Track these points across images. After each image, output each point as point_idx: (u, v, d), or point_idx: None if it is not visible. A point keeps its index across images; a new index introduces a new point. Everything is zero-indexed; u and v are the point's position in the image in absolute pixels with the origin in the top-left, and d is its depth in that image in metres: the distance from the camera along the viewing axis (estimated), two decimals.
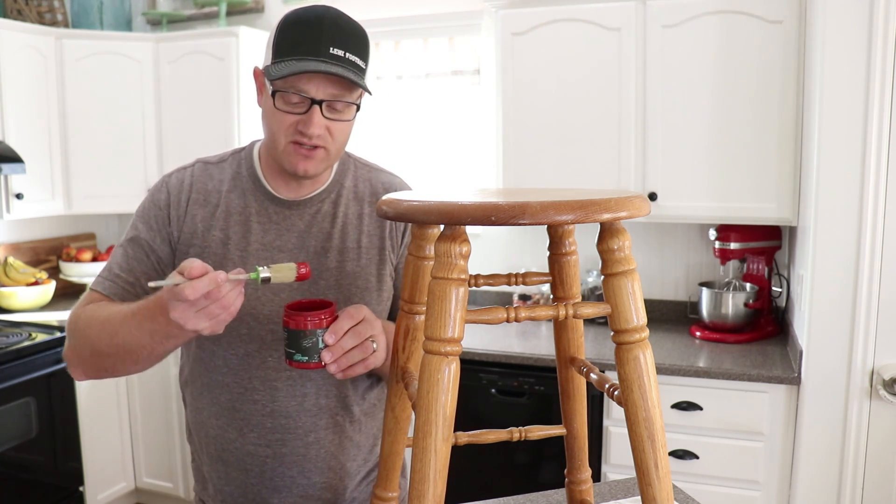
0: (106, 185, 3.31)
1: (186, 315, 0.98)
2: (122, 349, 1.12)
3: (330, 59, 1.11)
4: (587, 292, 2.98)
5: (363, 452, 1.34)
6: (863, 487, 2.15)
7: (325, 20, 1.12)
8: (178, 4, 3.68)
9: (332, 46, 1.11)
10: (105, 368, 1.18)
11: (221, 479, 1.30)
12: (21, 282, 3.24)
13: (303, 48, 1.11)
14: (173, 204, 1.27)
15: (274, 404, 1.24)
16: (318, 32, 1.11)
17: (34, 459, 2.78)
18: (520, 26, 2.73)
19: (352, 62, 1.13)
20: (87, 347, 1.17)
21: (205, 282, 0.96)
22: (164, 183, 1.30)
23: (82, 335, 1.18)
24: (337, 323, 1.05)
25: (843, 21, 2.01)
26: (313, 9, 1.15)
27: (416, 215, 0.78)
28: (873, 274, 2.07)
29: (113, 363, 1.16)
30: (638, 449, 0.83)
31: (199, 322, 0.99)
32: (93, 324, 1.16)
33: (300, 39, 1.11)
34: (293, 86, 1.12)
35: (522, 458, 2.62)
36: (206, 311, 0.98)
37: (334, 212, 1.28)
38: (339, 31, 1.12)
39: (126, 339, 1.11)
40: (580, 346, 1.05)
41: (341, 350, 1.05)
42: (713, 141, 2.56)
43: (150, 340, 1.09)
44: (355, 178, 1.33)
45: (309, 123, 1.14)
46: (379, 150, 3.32)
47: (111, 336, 1.12)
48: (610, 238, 0.82)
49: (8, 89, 2.96)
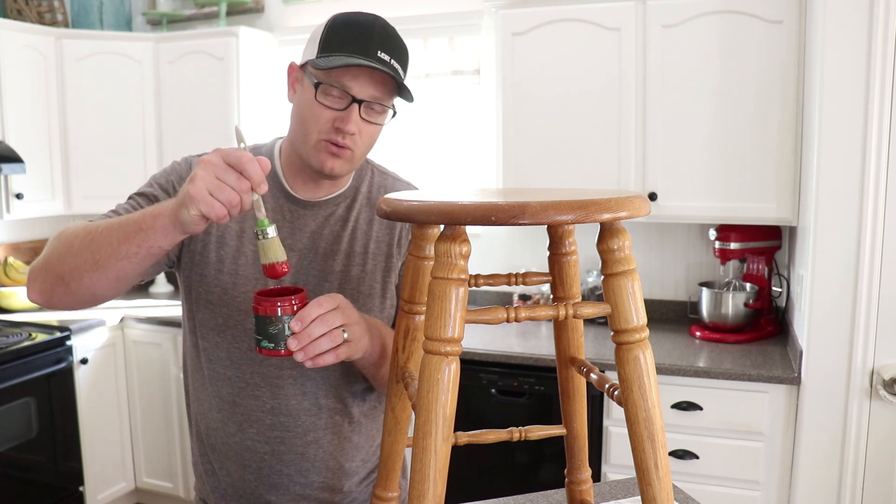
0: (106, 185, 3.31)
1: (207, 177, 0.93)
2: (89, 248, 1.04)
3: (377, 62, 1.13)
4: (587, 292, 2.98)
5: (362, 453, 1.34)
6: (863, 487, 2.15)
7: (376, 26, 1.16)
8: (178, 4, 3.68)
9: (381, 51, 1.14)
10: (61, 276, 1.07)
11: (220, 472, 1.31)
12: (21, 282, 3.24)
13: (352, 46, 1.13)
14: None
15: (275, 401, 1.24)
16: (368, 35, 1.14)
17: (34, 459, 2.78)
18: (520, 26, 2.73)
19: (395, 69, 1.15)
20: (61, 249, 1.08)
21: (239, 152, 0.94)
22: (188, 161, 1.28)
23: (60, 241, 1.10)
24: (304, 310, 1.02)
25: (843, 21, 2.01)
26: (363, 14, 1.18)
27: (416, 215, 0.78)
28: (873, 274, 2.07)
29: (74, 265, 1.06)
30: (638, 449, 0.83)
31: (202, 188, 0.92)
32: (75, 231, 1.09)
33: (350, 38, 1.14)
34: (338, 80, 1.13)
35: (522, 458, 2.62)
36: (223, 186, 0.93)
37: (347, 216, 1.28)
38: (388, 38, 1.15)
39: (97, 238, 1.04)
40: (580, 346, 1.05)
41: (308, 337, 1.01)
42: (713, 141, 2.56)
43: (122, 234, 1.01)
44: (371, 184, 1.34)
45: (347, 120, 1.15)
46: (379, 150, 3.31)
47: (85, 236, 1.06)
48: (610, 238, 0.82)
49: (8, 89, 2.96)
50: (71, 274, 1.06)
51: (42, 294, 1.11)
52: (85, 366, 3.00)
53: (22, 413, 2.72)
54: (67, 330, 2.91)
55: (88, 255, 1.04)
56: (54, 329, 2.92)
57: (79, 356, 2.97)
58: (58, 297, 1.11)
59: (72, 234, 1.08)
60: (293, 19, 3.48)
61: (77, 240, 1.07)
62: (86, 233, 1.06)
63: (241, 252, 1.23)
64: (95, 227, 1.06)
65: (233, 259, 1.23)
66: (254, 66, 3.28)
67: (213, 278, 1.23)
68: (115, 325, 3.16)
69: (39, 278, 1.11)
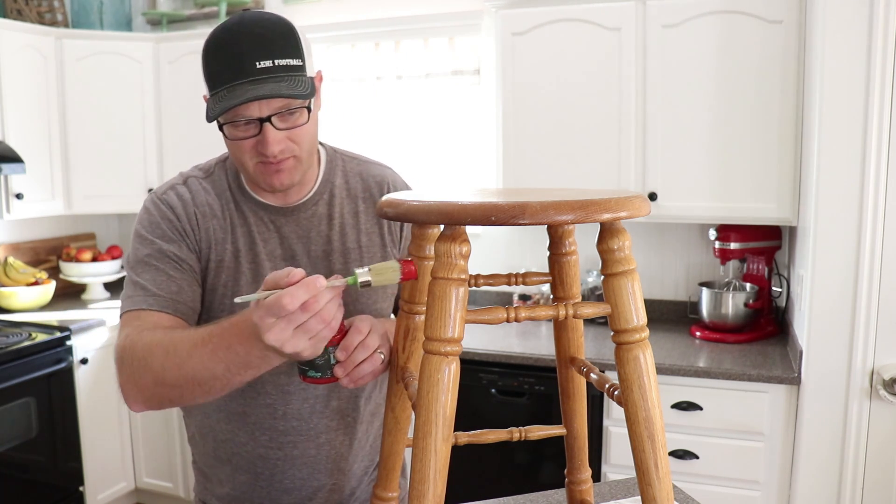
0: (106, 185, 3.31)
1: (284, 335, 0.87)
2: (191, 380, 1.01)
3: (259, 75, 1.06)
4: (587, 292, 2.98)
5: (369, 452, 1.35)
6: (863, 487, 2.15)
7: (242, 35, 1.07)
8: (178, 4, 3.68)
9: (257, 60, 1.06)
10: (170, 399, 1.06)
11: (230, 481, 1.30)
12: (21, 282, 3.24)
13: (229, 73, 1.06)
14: (182, 217, 1.19)
15: (286, 407, 1.24)
16: (238, 52, 1.06)
17: (34, 459, 2.78)
18: (520, 26, 2.73)
19: (283, 67, 1.08)
20: (149, 377, 1.04)
21: (302, 289, 0.85)
22: (161, 201, 1.21)
23: (142, 364, 1.04)
24: (347, 339, 1.03)
25: (843, 21, 2.01)
26: (229, 26, 1.09)
27: (416, 215, 0.78)
28: (873, 274, 2.07)
29: (180, 394, 1.04)
30: (638, 449, 0.83)
31: (298, 342, 0.88)
32: (154, 351, 1.03)
33: (225, 64, 1.07)
34: (235, 114, 1.09)
35: (522, 458, 2.62)
36: (304, 326, 0.87)
37: (330, 213, 1.26)
38: (259, 41, 1.07)
39: (196, 369, 0.99)
40: (580, 346, 1.05)
41: (353, 364, 1.04)
42: (713, 141, 2.56)
43: (226, 372, 0.98)
44: (345, 173, 1.30)
45: (265, 143, 1.10)
46: (379, 150, 3.32)
47: (178, 366, 1.01)
48: (610, 238, 0.82)
49: (8, 89, 2.96)
50: (180, 400, 1.07)
51: (148, 409, 1.11)
52: (85, 366, 3.00)
53: (22, 413, 2.72)
54: (67, 330, 2.91)
55: (195, 387, 1.02)
56: (54, 329, 2.92)
57: (79, 356, 2.97)
58: (169, 408, 1.13)
59: (159, 367, 1.03)
60: (293, 19, 3.45)
61: (169, 374, 1.03)
62: (176, 366, 1.01)
63: (239, 272, 1.21)
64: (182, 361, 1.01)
65: (233, 282, 1.21)
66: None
67: (219, 303, 1.21)
68: (116, 325, 3.16)
69: (139, 401, 1.09)
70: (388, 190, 1.31)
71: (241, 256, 1.21)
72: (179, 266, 1.17)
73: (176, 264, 1.16)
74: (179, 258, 1.17)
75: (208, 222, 1.21)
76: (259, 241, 1.22)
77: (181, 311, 1.14)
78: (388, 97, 3.33)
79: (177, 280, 1.15)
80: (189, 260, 1.18)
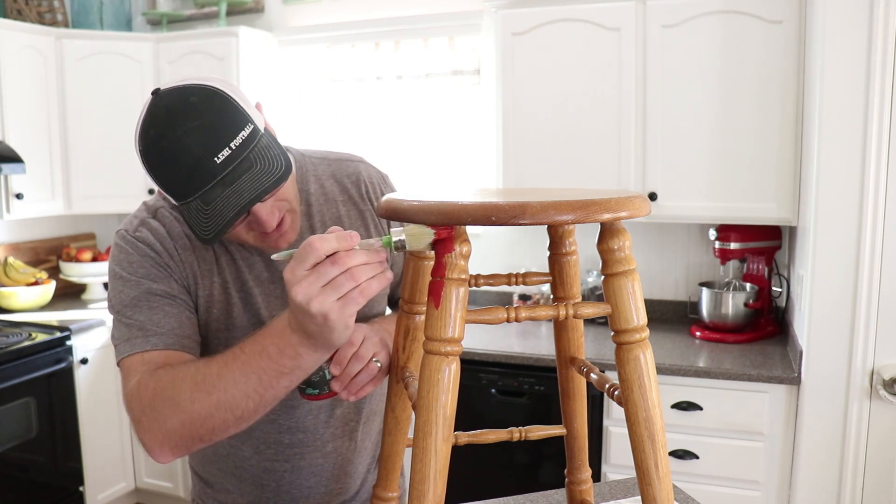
0: (106, 185, 3.31)
1: (311, 289, 0.83)
2: (222, 406, 0.96)
3: (225, 170, 0.97)
4: (587, 292, 2.97)
5: (370, 449, 1.36)
6: (863, 487, 2.15)
7: (182, 136, 0.96)
8: (178, 4, 3.68)
9: (214, 156, 0.96)
10: (200, 437, 0.99)
11: (234, 492, 1.29)
12: (21, 282, 3.24)
13: (194, 183, 0.97)
14: (162, 252, 1.12)
15: (291, 421, 1.23)
16: (190, 157, 0.96)
17: (34, 459, 2.78)
18: (520, 26, 2.73)
19: (241, 146, 0.98)
20: (176, 419, 0.97)
21: (334, 238, 0.83)
22: (136, 238, 1.13)
23: (167, 404, 0.98)
24: (339, 353, 1.01)
25: (843, 21, 2.01)
26: (161, 131, 0.97)
27: (416, 215, 0.78)
28: (873, 274, 2.07)
29: (211, 428, 0.97)
30: (638, 449, 0.83)
31: (325, 299, 0.83)
32: (180, 386, 0.98)
33: (184, 177, 0.97)
34: None
35: (522, 458, 2.62)
36: (333, 283, 0.83)
37: (311, 224, 1.21)
38: (203, 134, 0.96)
39: (229, 391, 0.95)
40: (580, 346, 1.05)
41: (348, 377, 1.02)
42: (713, 141, 2.56)
43: (258, 385, 0.94)
44: (318, 178, 1.24)
45: (261, 222, 1.05)
46: (380, 150, 3.32)
47: (208, 393, 0.96)
48: (610, 238, 0.82)
49: (8, 89, 2.96)
50: (209, 436, 0.99)
51: (177, 456, 1.02)
52: (85, 366, 3.00)
53: (22, 413, 2.72)
54: (67, 330, 2.91)
55: (227, 413, 0.97)
56: (54, 329, 2.92)
57: (79, 356, 2.97)
58: (196, 449, 1.04)
59: (188, 401, 0.97)
60: (293, 19, 3.48)
61: (199, 406, 0.97)
62: (206, 393, 0.97)
63: (230, 304, 1.17)
64: (213, 386, 0.96)
65: (226, 315, 1.17)
66: (254, 67, 3.28)
67: (213, 337, 1.17)
68: None
69: (166, 448, 1.00)
70: (364, 185, 1.26)
71: (230, 287, 1.16)
72: (173, 301, 1.11)
73: (169, 300, 1.10)
74: (171, 294, 1.11)
75: (189, 255, 1.14)
76: (244, 267, 1.17)
77: (187, 346, 1.09)
78: (388, 97, 3.33)
79: (175, 315, 1.10)
80: (181, 294, 1.12)
